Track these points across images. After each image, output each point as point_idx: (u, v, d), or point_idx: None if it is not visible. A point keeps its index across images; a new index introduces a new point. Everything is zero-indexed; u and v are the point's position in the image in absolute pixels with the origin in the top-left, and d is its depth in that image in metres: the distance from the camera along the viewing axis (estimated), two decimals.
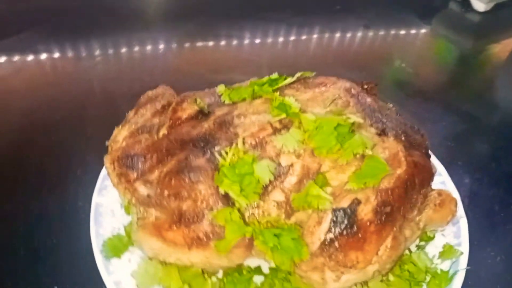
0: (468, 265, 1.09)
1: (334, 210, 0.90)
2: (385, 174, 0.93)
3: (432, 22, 2.44)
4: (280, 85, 1.13)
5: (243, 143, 0.97)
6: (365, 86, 1.21)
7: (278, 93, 1.07)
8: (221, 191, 0.93)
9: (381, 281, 0.98)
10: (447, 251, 1.05)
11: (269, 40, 2.21)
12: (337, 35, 2.31)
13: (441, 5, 2.51)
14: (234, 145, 0.95)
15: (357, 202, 0.90)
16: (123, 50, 2.07)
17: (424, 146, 1.09)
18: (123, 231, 1.07)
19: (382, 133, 1.01)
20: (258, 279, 1.03)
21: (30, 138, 1.44)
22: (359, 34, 2.27)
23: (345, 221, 0.89)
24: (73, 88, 1.73)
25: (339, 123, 0.98)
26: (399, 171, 0.95)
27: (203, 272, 0.98)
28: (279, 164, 0.96)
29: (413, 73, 2.00)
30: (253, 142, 0.97)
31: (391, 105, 1.23)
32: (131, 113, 1.14)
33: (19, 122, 1.51)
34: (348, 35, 2.30)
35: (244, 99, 1.10)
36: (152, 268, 0.99)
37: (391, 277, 0.99)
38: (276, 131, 0.99)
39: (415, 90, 1.85)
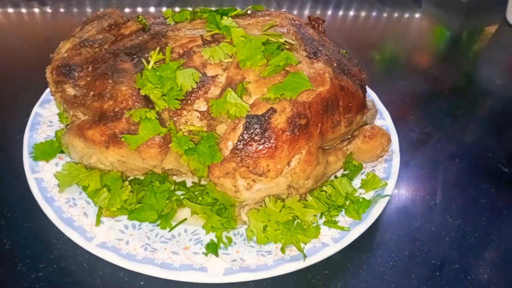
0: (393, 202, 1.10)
1: (248, 116, 0.90)
2: (305, 89, 0.93)
3: (422, 1, 2.43)
4: (230, 15, 1.14)
5: (172, 51, 0.99)
6: (313, 23, 1.22)
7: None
8: (142, 94, 0.94)
9: (299, 200, 0.98)
10: (370, 181, 1.05)
11: None
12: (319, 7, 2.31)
13: None
14: (157, 49, 0.97)
15: (272, 111, 0.91)
16: None
17: (360, 78, 1.10)
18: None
19: (312, 55, 1.02)
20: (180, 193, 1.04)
21: None
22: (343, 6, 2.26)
23: (258, 128, 0.90)
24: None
25: (268, 40, 0.98)
26: (321, 89, 0.96)
27: (122, 176, 1.00)
28: (205, 74, 0.97)
29: (396, 48, 1.99)
30: (181, 51, 0.99)
31: (343, 51, 1.23)
32: (77, 29, 1.16)
33: None
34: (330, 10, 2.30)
35: (186, 20, 1.12)
36: (75, 171, 1.00)
37: (309, 198, 0.99)
38: (206, 43, 1.00)
39: (387, 56, 1.85)
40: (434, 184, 1.23)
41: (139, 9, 2.20)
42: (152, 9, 2.19)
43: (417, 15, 2.35)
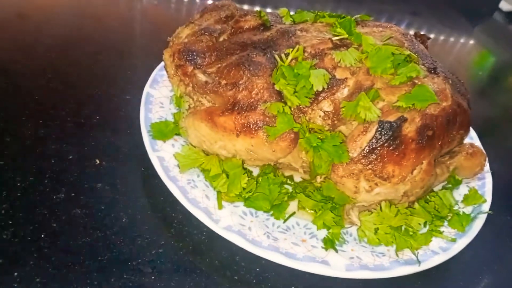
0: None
1: (381, 122, 0.94)
2: (432, 102, 0.97)
3: (474, 28, 2.50)
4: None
5: (303, 51, 1.02)
6: (418, 38, 1.26)
7: None
8: (276, 88, 0.97)
9: (406, 208, 1.02)
10: (472, 196, 1.09)
11: None
12: (383, 20, 2.35)
13: (486, 13, 2.57)
14: (296, 47, 1.00)
15: (403, 119, 0.95)
16: None
17: (467, 97, 1.14)
18: (170, 119, 1.12)
19: (432, 71, 1.06)
20: (288, 187, 1.08)
21: (85, 43, 1.51)
22: (404, 23, 2.32)
23: (390, 134, 0.94)
24: (125, 11, 1.80)
25: (395, 52, 1.02)
26: (445, 104, 1.00)
27: (243, 164, 1.03)
28: (334, 77, 1.01)
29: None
30: (313, 52, 1.02)
31: None
32: (196, 16, 1.19)
33: (76, 29, 1.58)
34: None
35: (305, 21, 1.15)
36: (194, 154, 1.03)
37: (416, 206, 1.03)
38: (335, 47, 1.04)
39: None
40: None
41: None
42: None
43: (465, 38, 2.41)
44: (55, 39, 1.48)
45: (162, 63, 1.18)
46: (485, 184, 1.16)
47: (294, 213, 1.02)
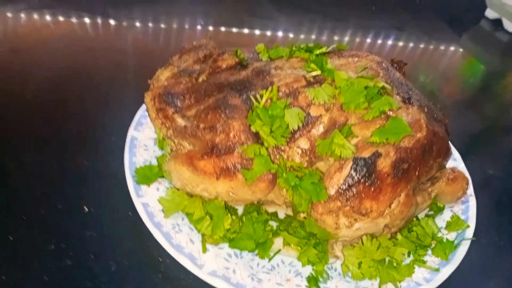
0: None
1: (355, 159, 0.96)
2: (406, 135, 0.99)
3: (461, 37, 2.51)
4: (315, 52, 1.20)
5: (278, 90, 1.04)
6: (395, 65, 1.28)
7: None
8: (252, 130, 1.00)
9: (389, 239, 1.03)
10: (454, 222, 1.10)
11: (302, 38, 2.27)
12: (369, 37, 2.37)
13: (472, 22, 2.58)
14: (270, 89, 1.03)
15: (377, 155, 0.96)
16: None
17: (445, 123, 1.16)
18: (154, 162, 1.14)
19: (407, 101, 1.08)
20: (273, 223, 1.09)
21: (74, 80, 1.54)
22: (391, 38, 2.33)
23: (365, 170, 0.95)
24: (114, 45, 1.83)
25: (368, 85, 1.04)
26: (419, 135, 1.01)
27: (225, 206, 1.04)
28: (309, 114, 1.03)
29: (437, 81, 2.07)
30: (287, 91, 1.05)
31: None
32: (175, 57, 1.22)
33: (66, 66, 1.61)
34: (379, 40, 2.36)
35: (281, 57, 1.18)
36: (178, 197, 1.05)
37: (399, 236, 1.05)
38: (309, 84, 1.06)
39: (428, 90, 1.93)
40: (502, 225, 1.28)
41: (174, 25, 2.22)
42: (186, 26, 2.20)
43: (452, 48, 2.42)
44: (44, 77, 1.51)
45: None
46: (469, 208, 1.17)
47: (279, 250, 1.04)
